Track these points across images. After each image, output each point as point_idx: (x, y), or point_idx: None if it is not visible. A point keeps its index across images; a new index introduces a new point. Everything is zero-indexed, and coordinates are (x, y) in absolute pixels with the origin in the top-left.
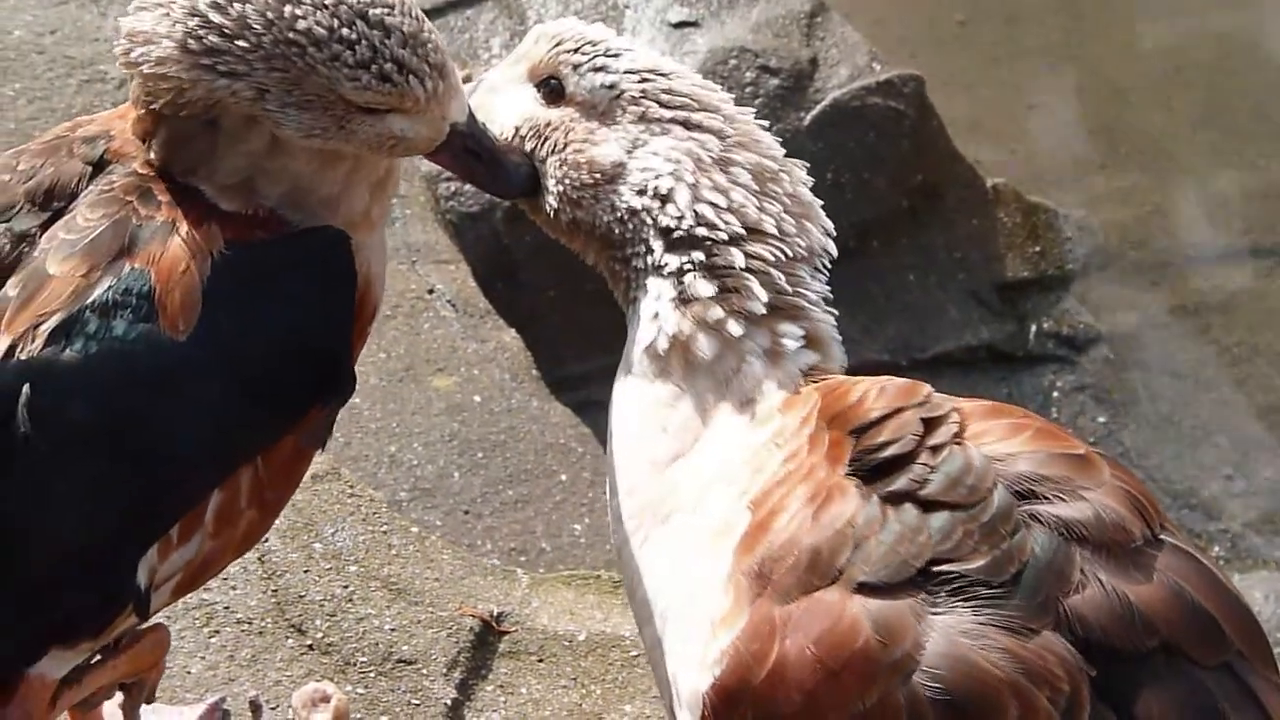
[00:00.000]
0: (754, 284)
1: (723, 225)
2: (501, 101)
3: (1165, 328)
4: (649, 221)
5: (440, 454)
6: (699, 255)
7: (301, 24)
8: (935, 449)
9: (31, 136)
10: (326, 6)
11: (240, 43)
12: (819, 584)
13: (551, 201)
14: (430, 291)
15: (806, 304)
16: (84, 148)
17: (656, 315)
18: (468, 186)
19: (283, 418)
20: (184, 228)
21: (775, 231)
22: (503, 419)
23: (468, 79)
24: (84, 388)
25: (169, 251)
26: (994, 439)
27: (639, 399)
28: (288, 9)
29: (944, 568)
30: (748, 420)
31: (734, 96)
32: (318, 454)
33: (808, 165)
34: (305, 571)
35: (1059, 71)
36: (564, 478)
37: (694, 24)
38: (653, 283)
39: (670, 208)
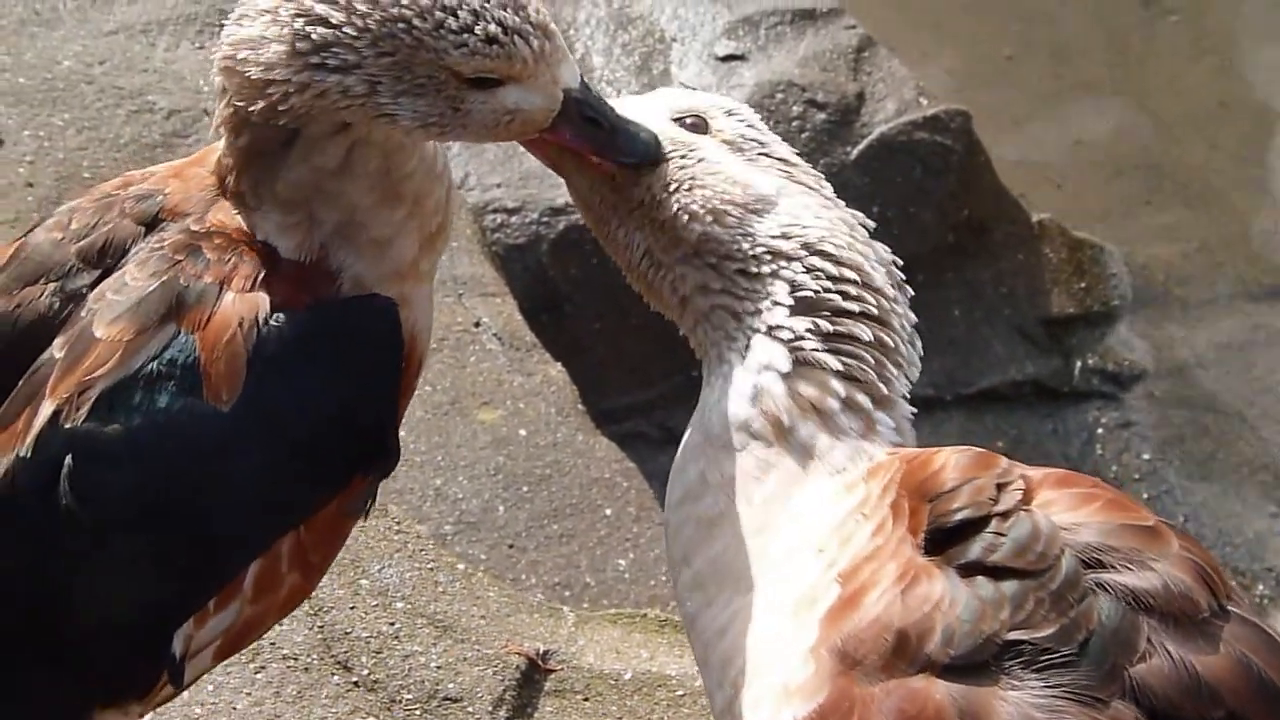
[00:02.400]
0: (872, 373)
1: (859, 295)
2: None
3: (1210, 365)
4: (783, 269)
5: (485, 488)
6: (824, 323)
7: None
8: (1004, 515)
9: (80, 166)
10: None
11: (348, 29)
12: (905, 668)
13: (692, 207)
14: (476, 324)
15: (899, 399)
16: (137, 206)
17: (758, 390)
18: (514, 218)
19: (325, 488)
20: (231, 290)
21: (899, 324)
22: (548, 453)
23: None
24: (126, 461)
25: (215, 317)
26: (1062, 508)
27: (721, 469)
28: None
29: (1017, 635)
30: (834, 490)
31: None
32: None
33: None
34: (352, 608)
35: (1105, 107)
36: (609, 512)
37: (741, 57)
38: (761, 346)
39: (814, 260)
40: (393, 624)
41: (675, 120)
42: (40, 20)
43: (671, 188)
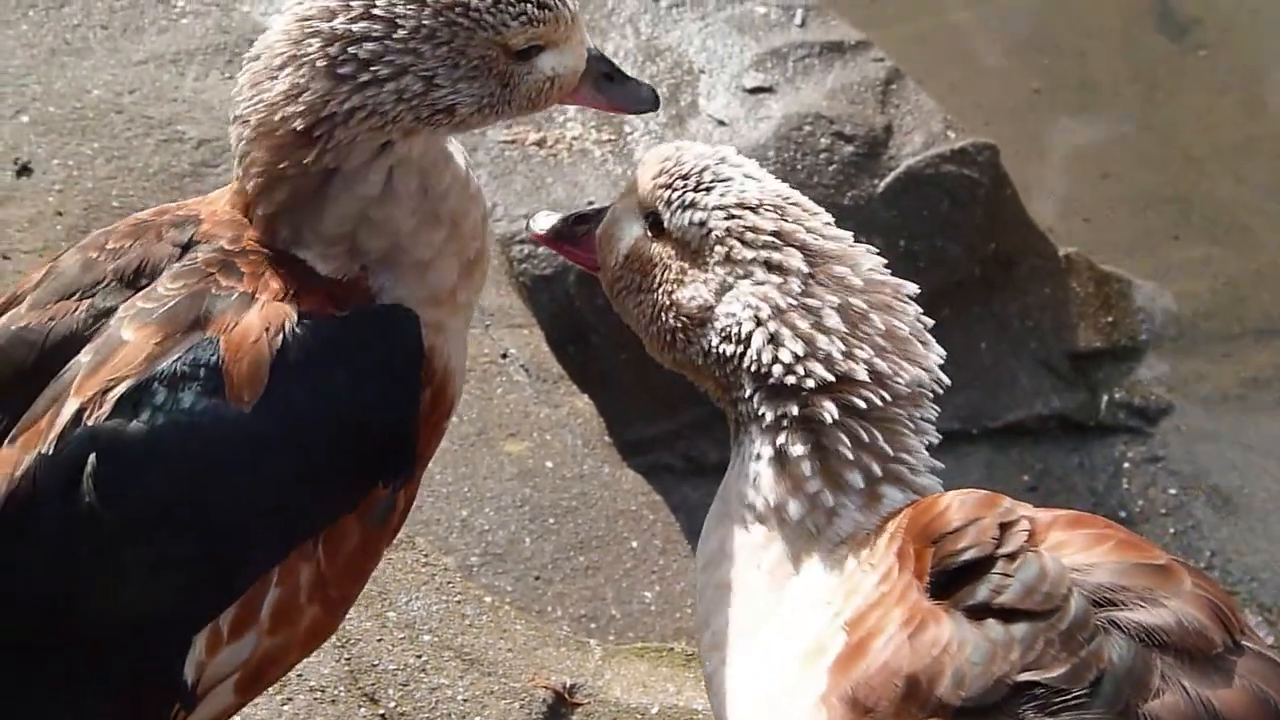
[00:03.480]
0: (847, 449)
1: (807, 374)
2: (619, 231)
3: (1237, 400)
4: (741, 366)
5: (512, 519)
6: (794, 407)
7: None
8: (1010, 556)
9: (109, 195)
10: None
11: (397, 33)
12: (916, 713)
13: (647, 342)
14: (504, 356)
15: (906, 468)
16: (173, 231)
17: (757, 477)
18: (540, 249)
19: (344, 494)
20: (262, 300)
21: (867, 377)
22: (574, 485)
23: (541, 142)
24: (146, 458)
25: (242, 322)
26: (1075, 549)
27: (735, 539)
28: None
29: (1028, 677)
30: (839, 554)
31: (815, 171)
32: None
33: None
34: (379, 640)
35: (1133, 141)
36: (635, 545)
37: (769, 90)
38: (754, 434)
39: (751, 354)
40: (420, 656)
41: (645, 217)
42: (70, 49)
43: (647, 317)
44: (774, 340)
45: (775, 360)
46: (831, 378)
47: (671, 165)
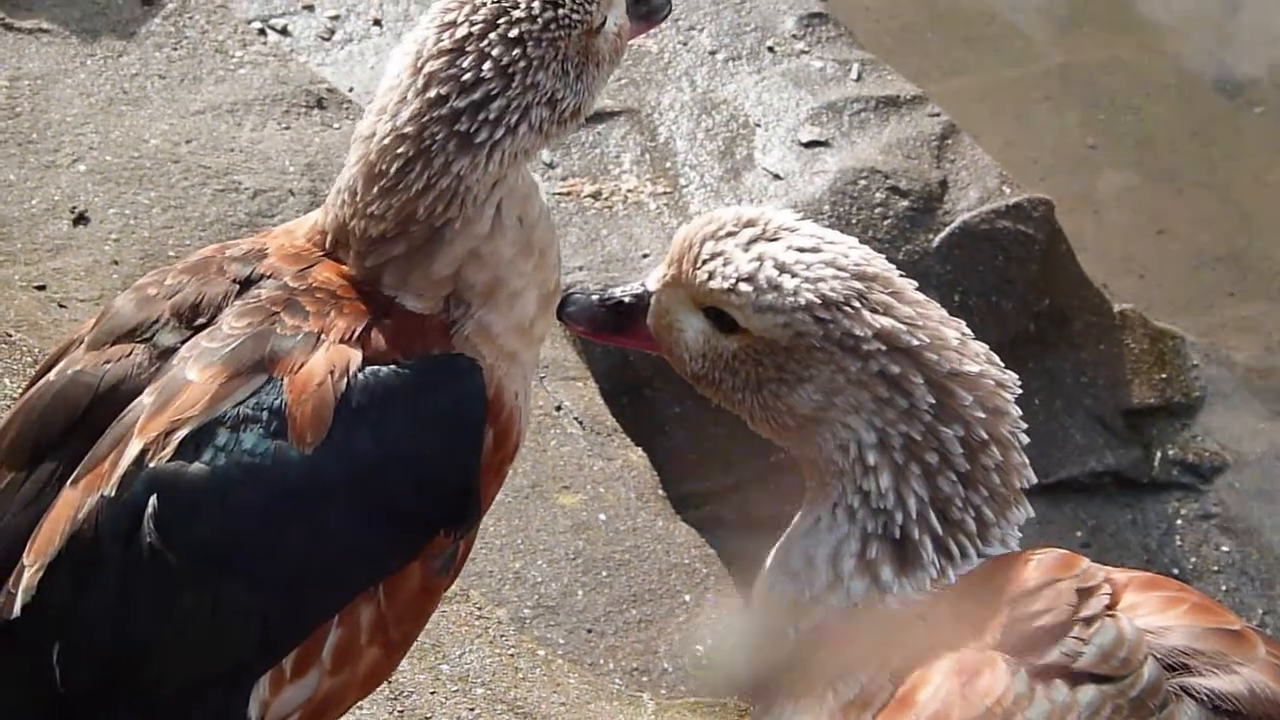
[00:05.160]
0: (930, 555)
1: (922, 517)
2: (678, 323)
3: None
4: (853, 479)
5: (564, 571)
6: (895, 531)
7: (537, 4)
8: (1088, 621)
9: (165, 245)
10: None
11: (515, 81)
12: None
13: (752, 425)
14: (558, 408)
15: (977, 551)
16: (235, 265)
17: (833, 553)
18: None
19: (405, 541)
20: (328, 341)
21: (974, 529)
22: (627, 538)
23: (596, 194)
24: (208, 501)
25: (308, 364)
26: (1148, 611)
27: (787, 591)
28: (520, 5)
29: None
30: (889, 617)
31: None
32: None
33: (1015, 385)
34: (432, 693)
35: (1188, 197)
36: (688, 598)
37: (824, 143)
38: (842, 520)
39: (871, 481)
40: (473, 710)
41: (704, 312)
42: (128, 99)
43: (751, 416)
44: (900, 476)
45: (899, 503)
46: (940, 530)
47: (722, 265)
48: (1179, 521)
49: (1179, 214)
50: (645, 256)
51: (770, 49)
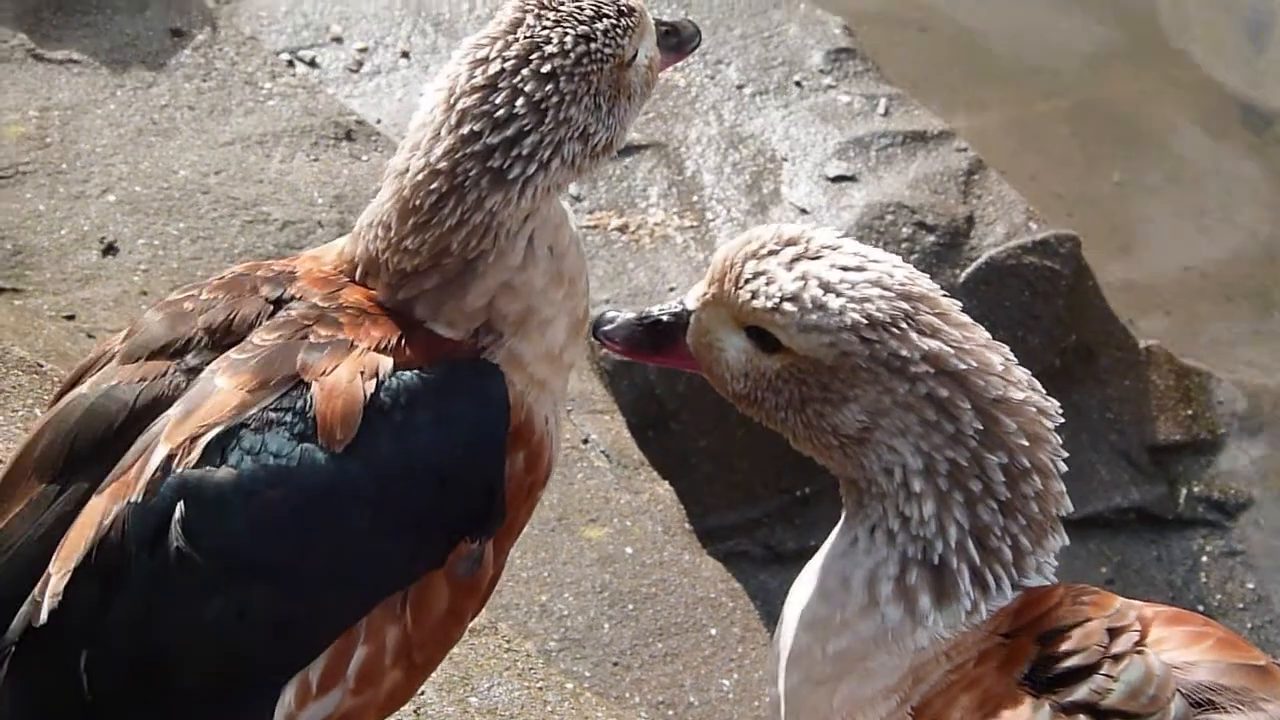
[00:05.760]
0: (966, 587)
1: (961, 546)
2: (718, 342)
3: None
4: (895, 502)
5: (591, 604)
6: (934, 557)
7: (569, 39)
8: (1117, 658)
9: (194, 275)
10: (561, 13)
11: (548, 116)
12: None
13: (794, 443)
14: (585, 441)
15: (1012, 583)
16: (267, 286)
17: (869, 575)
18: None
19: (430, 546)
20: (361, 346)
21: (1010, 557)
22: (654, 571)
23: (623, 227)
24: (236, 503)
25: (339, 367)
26: (1173, 646)
27: (814, 610)
28: (552, 40)
29: None
30: (916, 652)
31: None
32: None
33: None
34: None
35: (1214, 234)
36: (714, 632)
37: (851, 178)
38: (880, 543)
39: (914, 507)
40: None
41: (746, 331)
42: (158, 130)
43: (794, 434)
44: (943, 503)
45: (940, 531)
46: (978, 560)
47: (765, 284)
48: (1204, 558)
49: (1205, 250)
50: (672, 289)
51: (798, 83)
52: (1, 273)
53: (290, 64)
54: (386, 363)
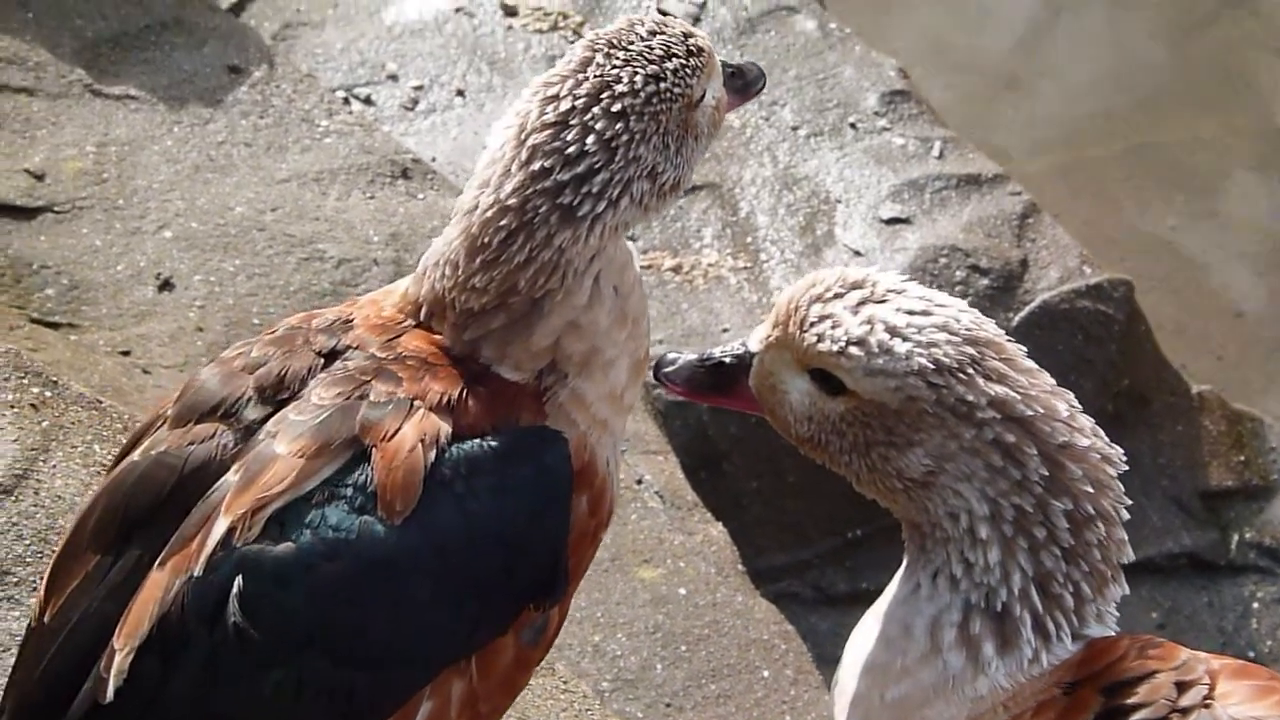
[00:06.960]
0: (1028, 634)
1: (1024, 594)
2: (781, 385)
3: None
4: (959, 548)
5: (644, 645)
6: (997, 604)
7: (639, 78)
8: (1185, 711)
9: (249, 312)
10: (631, 52)
11: (618, 155)
12: None
13: (858, 486)
14: (638, 482)
15: (1071, 632)
16: (320, 337)
17: (932, 622)
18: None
19: (493, 617)
20: (421, 409)
21: (1072, 604)
22: (707, 613)
23: (677, 268)
24: (295, 579)
25: (401, 431)
26: (1240, 700)
27: (875, 656)
28: (622, 79)
29: None
30: (974, 704)
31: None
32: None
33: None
34: None
35: (1268, 279)
36: (766, 674)
37: (905, 220)
38: (943, 589)
39: (979, 554)
40: None
41: (809, 374)
42: (214, 166)
43: (858, 478)
44: (1008, 550)
45: (1004, 578)
46: (1041, 608)
47: (831, 328)
48: (1255, 605)
49: (1259, 296)
50: (725, 330)
51: (852, 125)
52: (58, 308)
53: (346, 101)
54: (446, 428)
